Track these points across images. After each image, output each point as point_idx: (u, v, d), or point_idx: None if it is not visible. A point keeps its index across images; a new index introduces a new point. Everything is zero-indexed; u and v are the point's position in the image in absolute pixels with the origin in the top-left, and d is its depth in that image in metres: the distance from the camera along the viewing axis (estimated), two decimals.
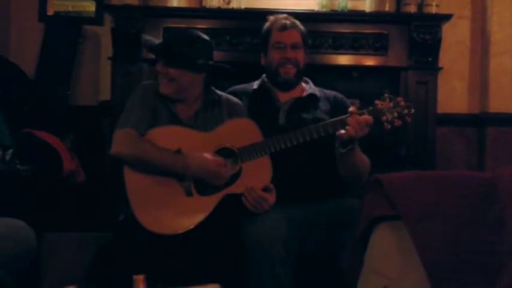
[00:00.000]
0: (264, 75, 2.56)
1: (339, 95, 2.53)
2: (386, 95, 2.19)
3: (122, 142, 2.15)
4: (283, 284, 2.00)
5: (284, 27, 2.44)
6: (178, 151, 2.15)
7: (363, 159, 2.26)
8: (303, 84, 2.53)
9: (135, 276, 0.74)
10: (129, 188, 2.12)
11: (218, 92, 2.37)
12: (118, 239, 2.09)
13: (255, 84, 2.53)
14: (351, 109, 2.15)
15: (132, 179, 2.13)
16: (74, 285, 0.64)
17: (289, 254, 2.03)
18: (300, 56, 2.45)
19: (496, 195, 1.37)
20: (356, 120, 2.09)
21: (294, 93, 2.47)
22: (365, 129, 2.11)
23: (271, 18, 2.53)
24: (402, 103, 2.17)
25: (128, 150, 2.13)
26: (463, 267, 1.32)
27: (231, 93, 2.50)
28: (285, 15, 2.54)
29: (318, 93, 2.48)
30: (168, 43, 2.32)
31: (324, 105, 2.45)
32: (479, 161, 3.41)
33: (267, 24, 2.52)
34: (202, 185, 2.14)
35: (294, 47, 2.43)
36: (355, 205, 2.05)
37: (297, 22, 2.50)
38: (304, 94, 2.47)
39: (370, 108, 2.17)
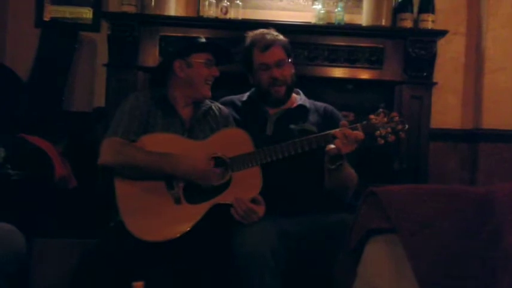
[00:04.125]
0: (253, 88, 2.54)
1: (329, 107, 2.51)
2: (381, 109, 2.18)
3: (106, 152, 2.15)
4: None
5: (265, 47, 2.38)
6: None
7: (350, 174, 2.25)
8: (294, 95, 2.51)
9: (134, 283, 0.73)
10: (119, 195, 2.12)
11: (208, 100, 2.40)
12: (106, 245, 2.06)
13: (245, 96, 2.53)
14: (342, 122, 2.15)
15: (122, 187, 2.12)
16: None
17: (278, 264, 2.02)
18: (287, 71, 2.40)
19: (491, 210, 1.37)
20: (344, 134, 2.09)
21: (284, 105, 2.46)
22: (354, 144, 2.10)
23: (250, 36, 2.46)
24: (396, 118, 2.17)
25: (113, 159, 2.12)
26: (456, 281, 1.32)
27: (223, 103, 2.50)
28: (262, 30, 2.46)
29: (308, 105, 2.47)
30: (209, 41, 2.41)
31: (313, 117, 2.43)
32: (471, 176, 3.42)
33: (246, 43, 2.45)
34: (192, 193, 2.13)
35: (279, 64, 2.38)
36: (345, 219, 2.03)
37: (276, 35, 2.43)
38: (294, 105, 2.46)
39: (364, 122, 2.16)
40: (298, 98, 2.50)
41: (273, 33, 2.44)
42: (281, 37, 2.45)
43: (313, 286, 2.16)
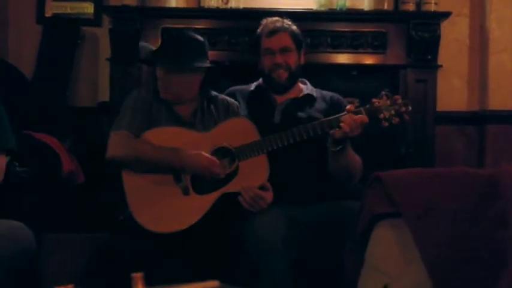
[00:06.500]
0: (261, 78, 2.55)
1: (336, 95, 2.51)
2: (383, 92, 2.18)
3: (116, 145, 2.17)
4: (283, 281, 2.00)
5: (271, 32, 2.40)
6: None
7: (354, 159, 2.25)
8: (300, 85, 2.51)
9: (133, 274, 0.73)
10: (127, 189, 2.14)
11: (214, 92, 2.39)
12: (117, 239, 2.08)
13: (253, 86, 2.54)
14: (347, 107, 2.15)
15: (130, 180, 2.14)
16: (71, 285, 0.64)
17: (289, 252, 2.03)
18: (291, 59, 2.41)
19: (497, 192, 1.37)
20: (351, 119, 2.09)
21: (291, 94, 2.46)
22: (359, 128, 2.10)
23: (263, 22, 2.49)
24: (399, 101, 2.16)
25: (122, 152, 2.14)
26: (464, 264, 1.32)
27: (229, 93, 2.51)
28: (276, 18, 2.49)
29: (314, 94, 2.47)
30: (166, 48, 2.32)
31: (320, 105, 2.44)
32: (479, 158, 3.40)
33: (258, 29, 2.49)
34: (200, 184, 2.14)
35: (284, 50, 2.40)
36: (354, 206, 2.03)
37: (288, 23, 2.45)
38: (301, 95, 2.47)
39: (367, 106, 2.16)
40: (305, 88, 2.50)
41: (283, 21, 2.45)
42: (292, 26, 2.45)
43: (324, 273, 2.16)
